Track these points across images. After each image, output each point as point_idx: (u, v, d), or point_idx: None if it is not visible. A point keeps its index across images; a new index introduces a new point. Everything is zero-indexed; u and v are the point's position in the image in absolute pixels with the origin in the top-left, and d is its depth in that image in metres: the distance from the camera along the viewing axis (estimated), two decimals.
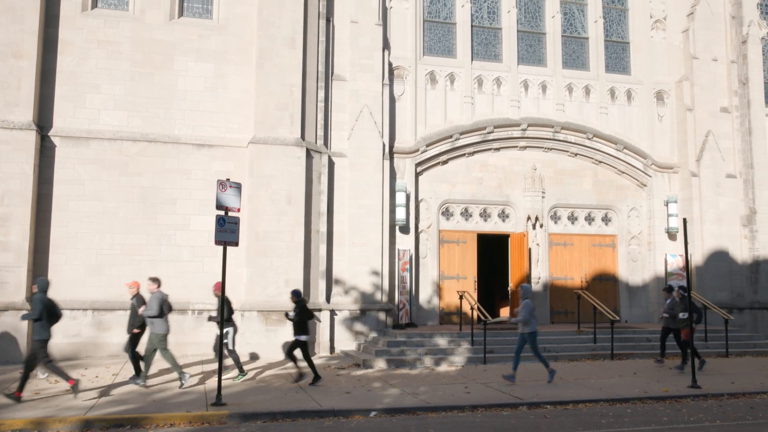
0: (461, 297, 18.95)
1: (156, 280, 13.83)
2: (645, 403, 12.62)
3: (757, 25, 23.84)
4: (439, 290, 21.15)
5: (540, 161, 22.34)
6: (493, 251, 23.91)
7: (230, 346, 14.65)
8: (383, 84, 20.42)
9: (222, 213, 12.64)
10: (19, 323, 16.41)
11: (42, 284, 12.34)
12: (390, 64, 21.02)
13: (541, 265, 22.00)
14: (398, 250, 20.25)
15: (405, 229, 20.68)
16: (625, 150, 22.72)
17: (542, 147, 22.31)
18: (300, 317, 14.35)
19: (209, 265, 18.16)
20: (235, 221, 12.74)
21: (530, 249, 21.83)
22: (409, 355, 17.21)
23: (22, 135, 17.10)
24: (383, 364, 16.56)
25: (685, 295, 16.22)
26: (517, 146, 22.11)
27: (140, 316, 13.78)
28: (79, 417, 10.56)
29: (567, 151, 22.53)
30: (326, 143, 19.92)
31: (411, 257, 20.39)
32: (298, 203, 18.64)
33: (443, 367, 16.58)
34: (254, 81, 18.96)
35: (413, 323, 20.22)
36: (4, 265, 16.68)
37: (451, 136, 21.28)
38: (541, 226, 22.04)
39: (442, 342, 18.07)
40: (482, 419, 11.13)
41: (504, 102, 22.15)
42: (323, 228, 19.41)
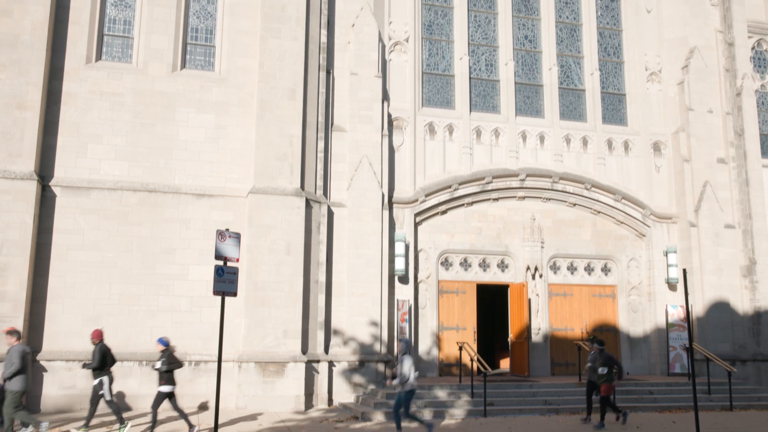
0: (461, 348, 18.78)
1: (14, 332, 13.03)
2: None
3: (750, 78, 24.22)
4: (438, 341, 20.96)
5: (539, 211, 22.40)
6: (492, 301, 23.80)
7: (107, 396, 13.83)
8: (383, 135, 20.62)
9: (221, 263, 12.64)
10: None
11: None
12: (389, 115, 21.27)
13: (541, 315, 21.86)
14: (397, 300, 20.15)
15: (404, 279, 20.61)
16: (623, 200, 22.82)
17: (541, 197, 22.41)
18: (169, 367, 13.81)
19: (207, 315, 18.06)
20: (234, 271, 12.71)
21: (530, 299, 21.72)
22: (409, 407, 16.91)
23: (23, 185, 17.19)
24: (382, 416, 16.30)
25: (602, 349, 15.64)
26: (515, 196, 22.21)
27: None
28: None
29: (565, 201, 22.62)
30: (326, 193, 20.02)
31: (410, 308, 20.28)
32: (297, 253, 18.62)
33: (443, 421, 16.32)
34: (255, 131, 19.15)
35: None
36: (1, 315, 16.56)
37: (449, 187, 21.40)
38: (541, 276, 21.98)
39: (442, 394, 17.83)
40: None
41: (502, 152, 22.33)
42: (322, 278, 19.35)
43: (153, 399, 13.95)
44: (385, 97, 21.22)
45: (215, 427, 11.94)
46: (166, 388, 13.80)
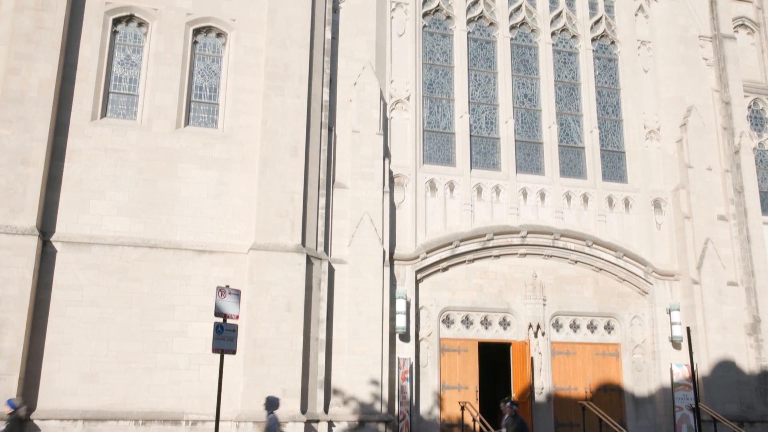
0: (463, 408, 18.48)
1: None
2: None
3: (748, 136, 24.46)
4: (440, 400, 20.60)
5: (540, 268, 22.31)
6: (494, 360, 23.49)
7: None
8: (384, 191, 20.70)
9: (220, 320, 12.52)
10: None
11: None
12: (390, 172, 21.40)
13: (544, 374, 21.54)
14: (398, 358, 19.88)
15: (405, 337, 20.39)
16: (625, 257, 22.75)
17: (542, 254, 22.36)
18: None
19: (206, 373, 17.78)
20: (234, 328, 12.60)
21: (532, 358, 21.43)
22: None
23: (24, 240, 17.16)
24: None
25: (516, 413, 14.41)
26: (517, 253, 22.16)
27: None
28: None
29: (567, 258, 22.55)
30: (326, 250, 19.98)
31: (411, 366, 19.99)
32: (298, 310, 18.46)
33: None
34: (256, 188, 19.23)
35: None
36: None
37: (451, 243, 21.37)
38: (543, 334, 21.75)
39: None
40: None
41: (503, 209, 22.39)
42: (322, 335, 19.14)
43: None
44: (387, 154, 21.39)
45: None
46: None
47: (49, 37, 18.46)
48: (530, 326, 21.64)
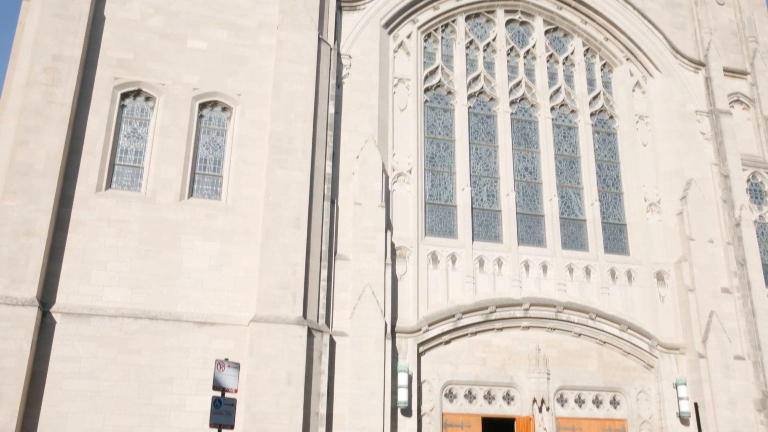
0: None
1: None
2: None
3: (748, 209, 24.59)
4: None
5: (543, 341, 22.06)
6: None
7: None
8: (386, 264, 20.68)
9: (218, 394, 12.32)
10: None
11: None
12: (392, 245, 21.43)
13: None
14: None
15: (407, 412, 19.97)
16: (629, 330, 22.52)
17: (545, 327, 22.14)
18: None
19: None
20: (232, 403, 12.38)
21: None
22: None
23: (24, 311, 17.06)
24: None
25: None
26: (519, 326, 21.95)
27: None
28: None
29: (570, 331, 22.32)
30: (328, 322, 19.83)
31: None
32: (298, 384, 18.17)
33: None
34: (258, 259, 19.24)
35: None
36: None
37: (453, 316, 21.21)
38: (548, 409, 21.30)
39: None
40: None
41: (505, 282, 22.31)
42: (323, 410, 18.77)
43: None
44: (389, 226, 21.48)
45: None
46: None
47: (58, 111, 18.85)
48: (534, 401, 21.22)
